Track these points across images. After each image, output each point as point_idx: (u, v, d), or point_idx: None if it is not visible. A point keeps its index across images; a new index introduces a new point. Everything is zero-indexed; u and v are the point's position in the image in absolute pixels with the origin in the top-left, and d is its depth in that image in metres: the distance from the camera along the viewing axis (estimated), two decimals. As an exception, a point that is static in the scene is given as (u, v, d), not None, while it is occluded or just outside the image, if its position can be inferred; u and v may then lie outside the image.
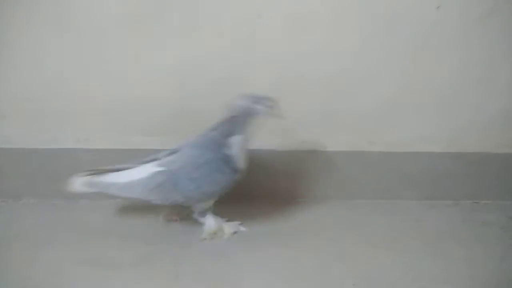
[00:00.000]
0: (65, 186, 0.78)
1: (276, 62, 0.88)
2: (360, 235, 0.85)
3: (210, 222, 0.80)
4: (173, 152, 0.78)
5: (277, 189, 0.95)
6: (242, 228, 0.83)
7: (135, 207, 0.89)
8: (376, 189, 0.95)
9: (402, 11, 0.86)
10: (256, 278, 0.71)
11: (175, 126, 0.90)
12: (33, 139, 0.90)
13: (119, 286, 0.68)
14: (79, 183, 0.77)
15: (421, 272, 0.74)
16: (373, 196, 0.96)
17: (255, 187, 0.90)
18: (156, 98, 0.90)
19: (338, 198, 0.95)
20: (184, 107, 0.91)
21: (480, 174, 0.95)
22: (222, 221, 0.82)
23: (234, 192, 0.79)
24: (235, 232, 0.82)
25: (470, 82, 0.91)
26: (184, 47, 0.88)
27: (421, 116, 0.93)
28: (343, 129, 0.84)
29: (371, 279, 0.72)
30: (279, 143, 0.92)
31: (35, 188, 0.90)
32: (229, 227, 0.82)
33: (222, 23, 0.86)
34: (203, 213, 0.80)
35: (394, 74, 0.90)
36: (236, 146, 0.76)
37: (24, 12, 0.83)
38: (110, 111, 0.90)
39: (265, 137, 0.83)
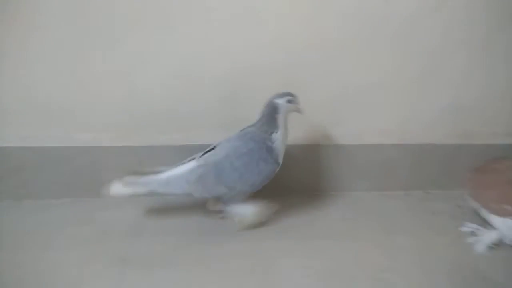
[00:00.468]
0: (104, 190, 0.79)
1: (228, 54, 0.88)
2: (311, 227, 0.85)
3: (243, 210, 0.81)
4: (209, 150, 0.80)
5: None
6: (274, 207, 0.83)
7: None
8: (329, 181, 0.96)
9: (352, 4, 0.87)
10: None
11: (123, 123, 0.90)
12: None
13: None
14: (117, 185, 0.78)
15: (370, 261, 0.75)
16: (325, 188, 0.97)
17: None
18: (106, 98, 0.89)
19: (293, 191, 0.95)
20: (135, 105, 0.90)
21: (430, 164, 0.97)
22: (252, 207, 0.81)
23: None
24: (271, 213, 0.83)
25: (420, 75, 0.93)
26: (133, 44, 0.86)
27: (371, 109, 0.95)
28: (296, 123, 0.84)
29: (321, 270, 0.73)
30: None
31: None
32: (262, 209, 0.81)
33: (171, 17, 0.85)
34: (236, 205, 0.81)
35: (344, 68, 0.91)
36: (278, 141, 0.78)
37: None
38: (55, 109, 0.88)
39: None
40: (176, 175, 0.78)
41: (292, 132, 0.83)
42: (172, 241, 0.78)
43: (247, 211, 0.81)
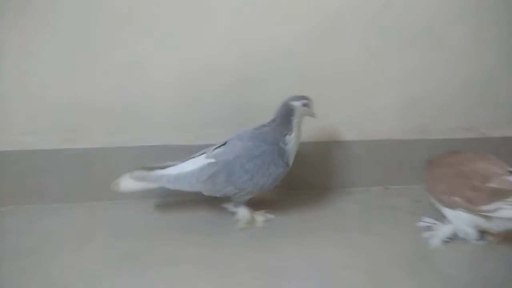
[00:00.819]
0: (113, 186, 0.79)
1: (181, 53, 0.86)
2: (266, 226, 0.83)
3: (245, 212, 0.83)
4: (221, 145, 0.79)
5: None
6: (270, 215, 0.85)
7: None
8: (289, 179, 0.94)
9: (301, 1, 0.87)
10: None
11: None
12: None
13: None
14: (128, 180, 0.78)
15: (325, 259, 0.74)
16: (285, 186, 0.94)
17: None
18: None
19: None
20: (82, 103, 0.87)
21: (389, 160, 0.97)
22: (252, 211, 0.84)
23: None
24: (266, 220, 0.84)
25: (376, 70, 0.93)
26: (77, 39, 0.83)
27: (330, 105, 0.94)
28: (252, 121, 0.82)
29: (273, 269, 0.71)
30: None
31: None
32: (259, 216, 0.84)
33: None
34: (239, 204, 0.82)
35: (300, 63, 0.90)
36: (291, 143, 0.79)
37: None
38: None
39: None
40: (186, 172, 0.78)
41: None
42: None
43: (246, 214, 0.83)
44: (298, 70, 0.91)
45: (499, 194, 0.72)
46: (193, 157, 0.80)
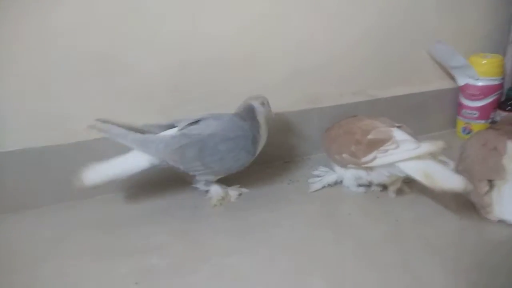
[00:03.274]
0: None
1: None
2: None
3: (216, 189, 0.82)
4: (194, 122, 0.78)
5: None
6: (244, 189, 0.86)
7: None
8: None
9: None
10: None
11: None
12: None
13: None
14: (89, 173, 0.74)
15: (212, 246, 0.70)
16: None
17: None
18: None
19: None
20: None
21: (285, 133, 0.96)
22: (225, 187, 0.84)
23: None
24: (240, 194, 0.84)
25: (259, 43, 0.90)
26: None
27: (214, 85, 0.90)
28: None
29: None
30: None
31: None
32: (233, 191, 0.84)
33: None
34: (209, 183, 0.82)
35: (183, 42, 0.85)
36: (263, 137, 0.82)
37: None
38: None
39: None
40: (156, 137, 0.76)
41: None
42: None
43: (219, 191, 0.82)
44: (180, 51, 0.85)
45: (374, 144, 0.72)
46: (163, 127, 0.79)
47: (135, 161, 0.75)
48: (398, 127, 0.76)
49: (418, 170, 0.69)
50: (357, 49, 0.98)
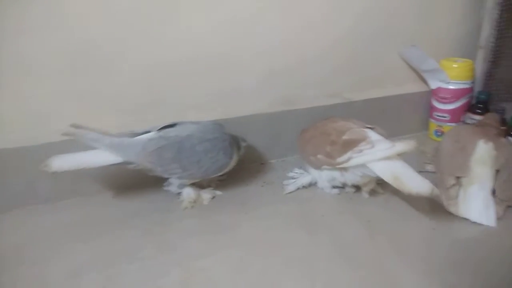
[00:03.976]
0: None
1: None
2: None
3: (189, 191, 0.81)
4: (171, 125, 0.78)
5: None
6: (218, 192, 0.85)
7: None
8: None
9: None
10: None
11: None
12: None
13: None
14: (58, 159, 0.72)
15: (183, 249, 0.69)
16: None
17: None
18: None
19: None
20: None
21: (260, 135, 0.95)
22: (198, 189, 0.82)
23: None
24: (213, 197, 0.83)
25: (232, 45, 0.89)
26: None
27: (190, 86, 0.89)
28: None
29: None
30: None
31: None
32: (206, 193, 0.83)
33: None
34: (182, 186, 0.81)
35: (152, 43, 0.83)
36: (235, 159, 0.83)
37: None
38: None
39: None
40: (132, 140, 0.75)
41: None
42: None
43: (191, 193, 0.81)
44: (151, 51, 0.84)
45: (349, 144, 0.72)
46: (137, 134, 0.77)
47: (105, 155, 0.74)
48: (371, 128, 0.76)
49: (388, 172, 0.69)
50: (332, 52, 0.99)
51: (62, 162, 0.72)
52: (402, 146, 0.69)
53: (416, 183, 0.66)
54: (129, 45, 0.82)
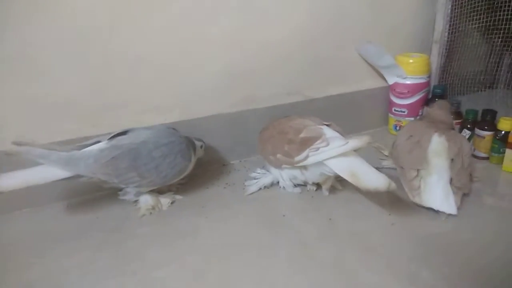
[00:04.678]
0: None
1: None
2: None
3: (146, 198, 0.78)
4: (122, 133, 0.75)
5: None
6: (178, 196, 0.83)
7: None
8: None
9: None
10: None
11: None
12: None
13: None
14: (4, 177, 0.68)
15: (139, 259, 0.66)
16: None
17: None
18: None
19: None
20: None
21: (222, 136, 0.94)
22: (156, 195, 0.80)
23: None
24: (173, 202, 0.81)
25: (187, 45, 0.87)
26: None
27: (145, 88, 0.86)
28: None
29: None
30: None
31: None
32: (165, 199, 0.81)
33: None
34: (138, 193, 0.78)
35: (110, 42, 0.80)
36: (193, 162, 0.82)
37: None
38: None
39: None
40: (82, 152, 0.71)
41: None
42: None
43: (148, 200, 0.79)
44: (108, 52, 0.80)
45: (306, 142, 0.72)
46: (85, 145, 0.73)
47: (54, 169, 0.70)
48: (327, 125, 0.76)
49: (345, 169, 0.69)
50: (289, 50, 0.98)
51: (9, 181, 0.68)
52: (355, 142, 0.69)
53: (372, 179, 0.66)
54: (78, 47, 0.78)
